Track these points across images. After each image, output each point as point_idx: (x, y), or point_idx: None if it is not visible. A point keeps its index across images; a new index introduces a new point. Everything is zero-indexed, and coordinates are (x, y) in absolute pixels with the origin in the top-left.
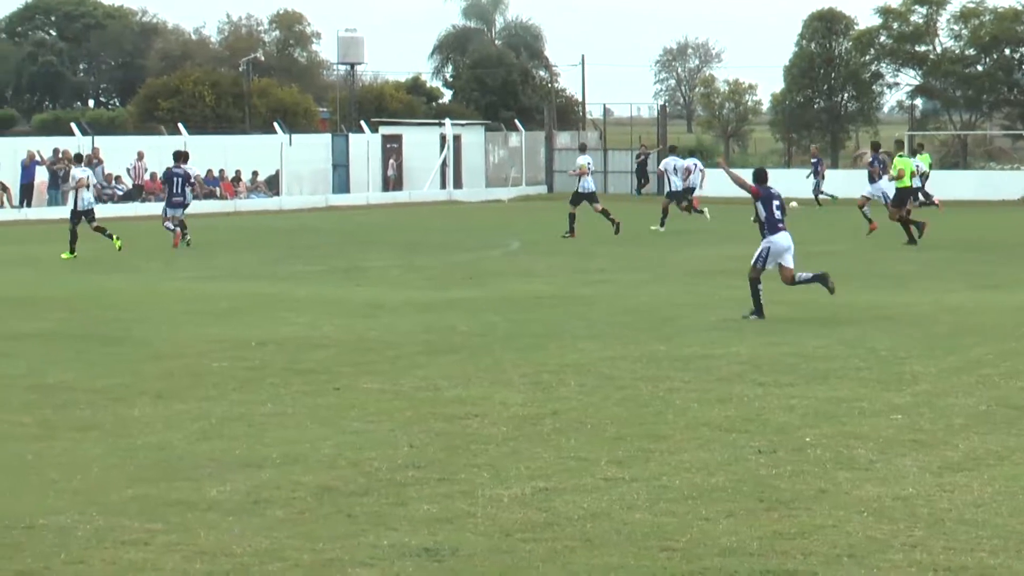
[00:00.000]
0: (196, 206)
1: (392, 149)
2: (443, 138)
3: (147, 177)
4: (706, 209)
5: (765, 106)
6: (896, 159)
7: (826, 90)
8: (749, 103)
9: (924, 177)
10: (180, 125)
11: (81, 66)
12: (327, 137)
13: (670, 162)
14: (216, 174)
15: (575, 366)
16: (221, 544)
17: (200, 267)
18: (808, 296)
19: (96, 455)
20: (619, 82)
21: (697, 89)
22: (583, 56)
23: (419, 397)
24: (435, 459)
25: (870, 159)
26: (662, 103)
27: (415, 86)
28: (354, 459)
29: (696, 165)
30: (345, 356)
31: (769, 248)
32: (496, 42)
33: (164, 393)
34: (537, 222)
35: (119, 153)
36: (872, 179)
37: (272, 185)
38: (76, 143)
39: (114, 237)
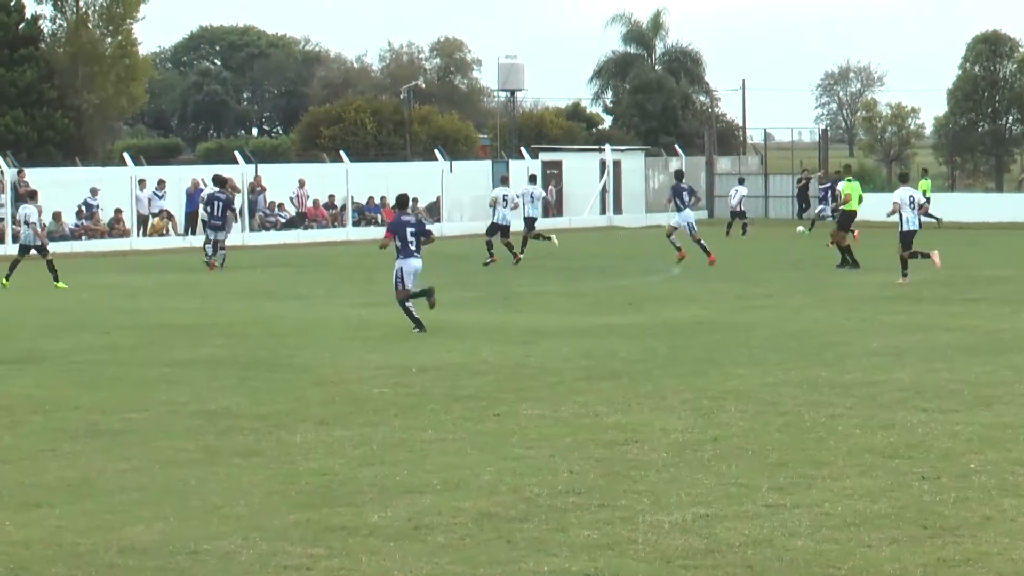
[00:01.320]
0: (357, 233)
1: (552, 175)
2: (603, 164)
3: (309, 204)
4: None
5: (928, 130)
6: (844, 183)
7: (990, 113)
8: (912, 127)
9: (927, 201)
10: (342, 152)
11: (245, 95)
12: (487, 164)
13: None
14: (377, 201)
15: (735, 392)
16: (383, 570)
17: (361, 293)
18: (972, 322)
19: (259, 481)
20: (780, 106)
21: (859, 113)
22: (743, 81)
23: (579, 423)
24: (595, 485)
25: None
26: (823, 127)
27: (575, 112)
28: (514, 485)
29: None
30: (505, 382)
31: None
32: (656, 67)
33: (326, 419)
34: (697, 248)
35: (282, 181)
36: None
37: (433, 212)
38: (240, 171)
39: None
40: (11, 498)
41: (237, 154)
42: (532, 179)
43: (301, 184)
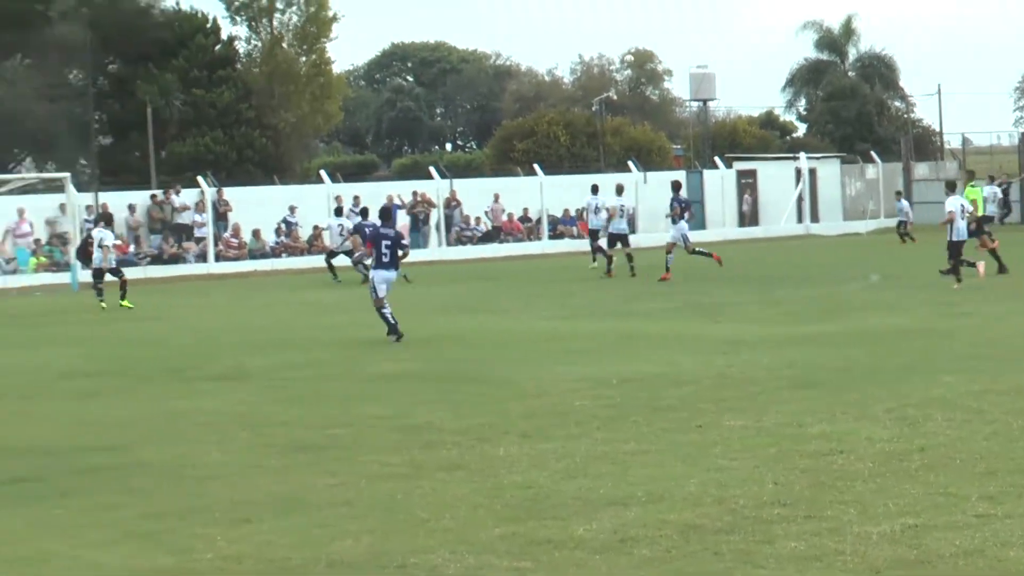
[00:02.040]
0: (553, 246)
1: (747, 184)
2: (798, 172)
3: (504, 218)
4: None
5: None
6: (967, 190)
7: None
8: None
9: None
10: (535, 166)
11: (438, 110)
12: (681, 174)
13: None
14: (572, 213)
15: (940, 400)
16: None
17: (558, 306)
18: None
19: (463, 494)
20: (977, 110)
21: None
22: (939, 85)
23: (782, 433)
24: (801, 496)
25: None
26: (1023, 131)
27: (768, 120)
28: (719, 496)
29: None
30: (706, 393)
31: None
32: (849, 74)
33: (529, 432)
34: (896, 255)
35: (476, 195)
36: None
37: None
38: (435, 187)
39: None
40: (222, 513)
41: (432, 169)
42: (594, 189)
43: (496, 198)
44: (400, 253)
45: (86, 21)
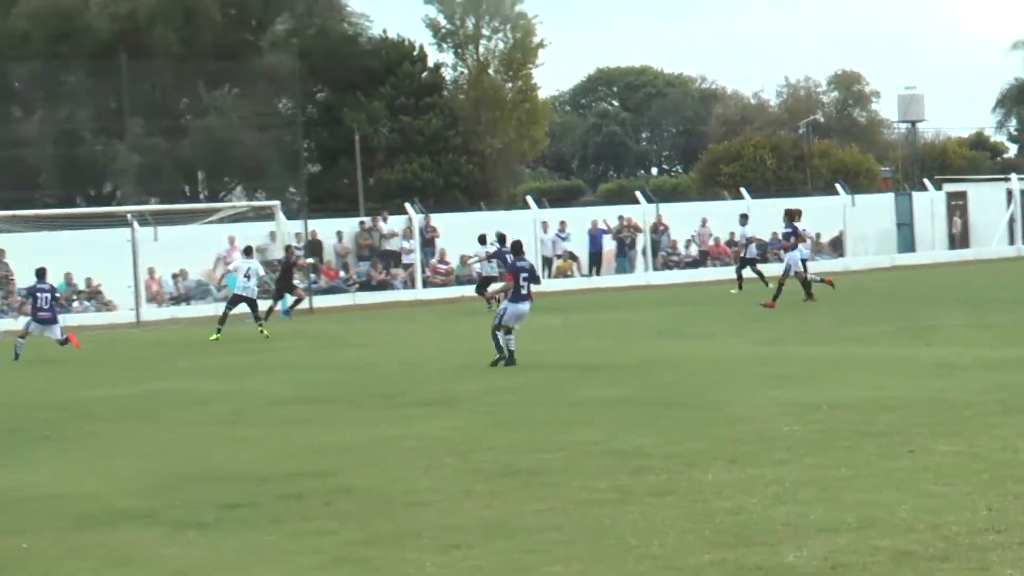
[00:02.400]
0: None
1: (957, 206)
2: (1009, 193)
3: (711, 242)
4: None
5: None
6: None
7: None
8: None
9: None
10: (742, 190)
11: (643, 134)
12: (890, 196)
13: None
14: (780, 237)
15: None
16: None
17: (766, 329)
18: None
19: (672, 520)
20: None
21: None
22: None
23: (996, 458)
24: (1016, 522)
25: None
26: None
27: (978, 141)
28: (932, 523)
29: None
30: (917, 417)
31: None
32: None
33: (737, 457)
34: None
35: (683, 220)
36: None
37: (836, 246)
38: (641, 211)
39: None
40: (430, 539)
41: (638, 194)
42: (743, 220)
43: (703, 222)
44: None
45: (296, 50)
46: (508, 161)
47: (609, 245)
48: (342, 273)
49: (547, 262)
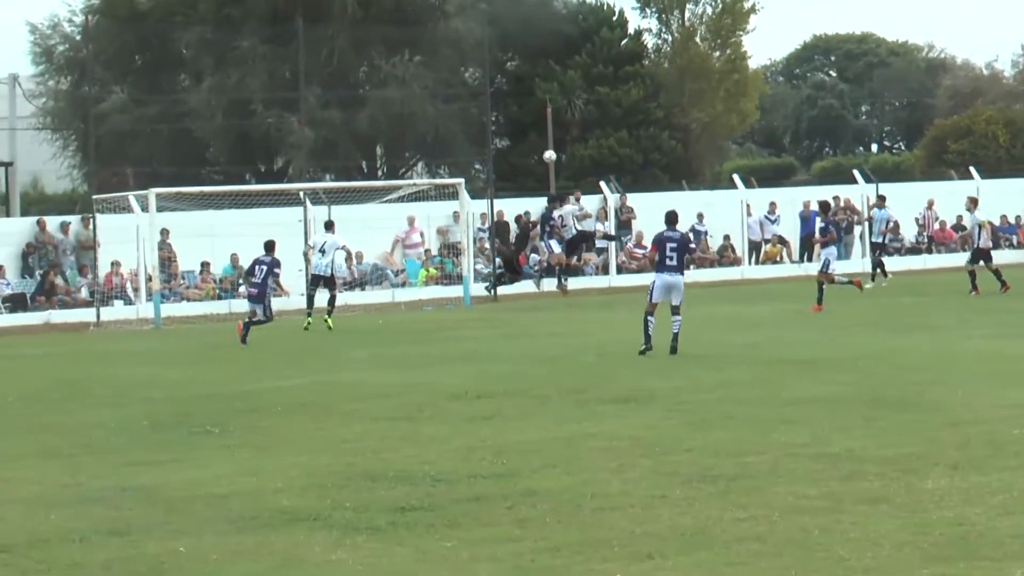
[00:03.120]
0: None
1: None
2: None
3: (936, 226)
4: None
5: None
6: None
7: None
8: None
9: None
10: (971, 169)
11: (863, 108)
12: None
13: None
14: (1011, 220)
15: None
16: None
17: (997, 324)
18: None
19: (887, 531)
20: None
21: None
22: None
23: None
24: None
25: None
26: None
27: None
28: None
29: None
30: None
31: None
32: None
33: (960, 463)
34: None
35: (905, 201)
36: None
37: None
38: (859, 191)
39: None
40: (621, 547)
41: (856, 173)
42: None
43: (929, 205)
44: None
45: (484, 15)
46: (713, 136)
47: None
48: (535, 256)
49: (754, 247)
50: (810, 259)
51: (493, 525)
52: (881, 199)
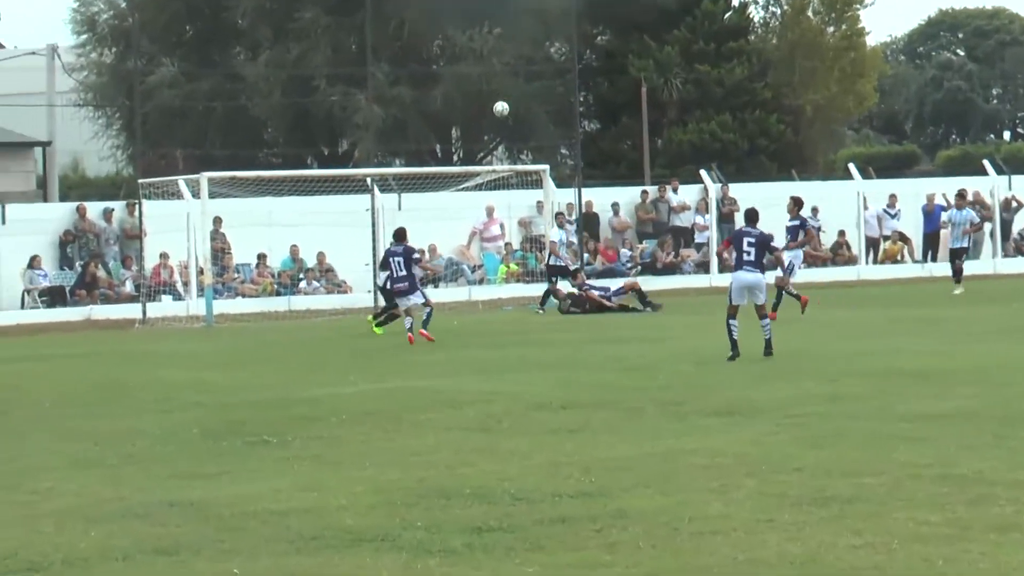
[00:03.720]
0: None
1: None
2: None
3: None
4: None
5: None
6: None
7: None
8: None
9: None
10: None
11: (994, 91)
12: None
13: None
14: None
15: None
16: None
17: None
18: None
19: (1020, 562)
20: None
21: None
22: None
23: None
24: None
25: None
26: None
27: None
28: None
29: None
30: None
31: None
32: None
33: None
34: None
35: None
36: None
37: None
38: (989, 183)
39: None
40: None
41: (986, 163)
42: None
43: None
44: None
45: None
46: (827, 121)
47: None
48: (625, 251)
49: (872, 244)
50: (935, 258)
51: (579, 550)
52: (961, 197)
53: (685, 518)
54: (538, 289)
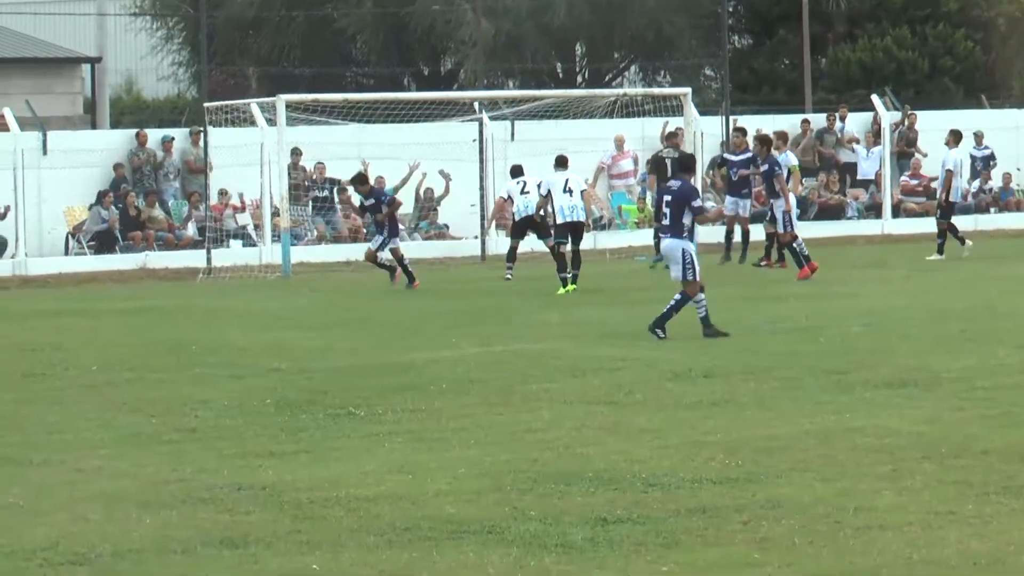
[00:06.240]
0: None
1: None
2: None
3: None
4: None
5: None
6: None
7: None
8: None
9: None
10: None
11: None
12: None
13: None
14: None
15: None
16: None
17: None
18: None
19: None
20: None
21: None
22: None
23: None
24: None
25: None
26: None
27: None
28: None
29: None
30: None
31: None
32: None
33: None
34: None
35: None
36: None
37: None
38: None
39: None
40: None
41: None
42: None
43: None
44: None
45: None
46: None
47: None
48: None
49: None
50: None
51: (723, 545)
52: (955, 135)
53: (849, 509)
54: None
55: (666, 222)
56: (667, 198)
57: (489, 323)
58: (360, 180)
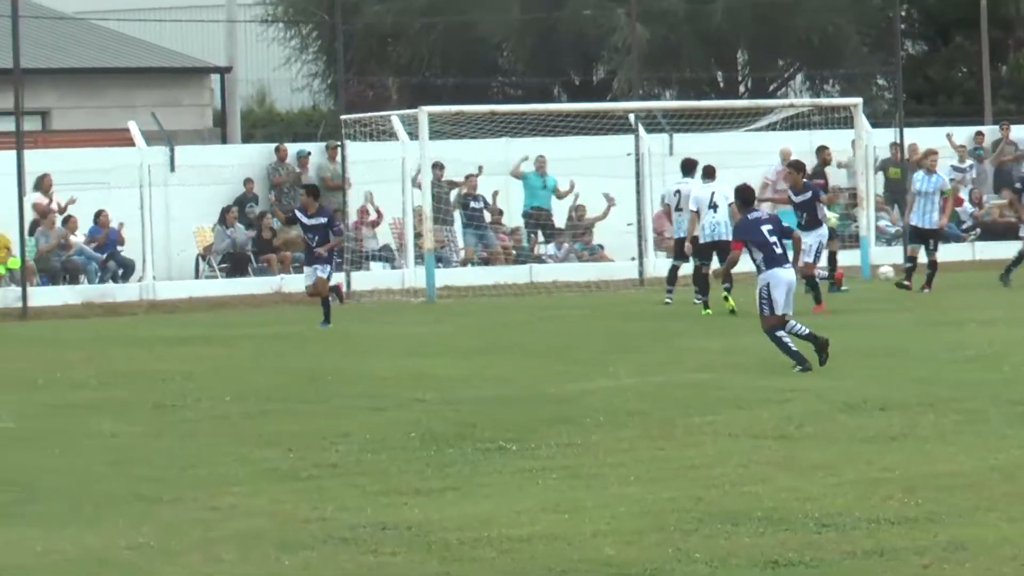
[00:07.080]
0: None
1: None
2: None
3: None
4: None
5: None
6: None
7: None
8: None
9: None
10: None
11: None
12: None
13: None
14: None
15: None
16: None
17: None
18: None
19: None
20: None
21: None
22: None
23: None
24: None
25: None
26: None
27: None
28: None
29: None
30: None
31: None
32: None
33: None
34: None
35: None
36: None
37: None
38: None
39: None
40: None
41: None
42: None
43: None
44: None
45: None
46: None
47: None
48: (967, 207)
49: None
50: None
51: None
52: (927, 154)
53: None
54: (850, 257)
55: (779, 251)
56: (768, 228)
57: (646, 350)
58: (314, 192)
